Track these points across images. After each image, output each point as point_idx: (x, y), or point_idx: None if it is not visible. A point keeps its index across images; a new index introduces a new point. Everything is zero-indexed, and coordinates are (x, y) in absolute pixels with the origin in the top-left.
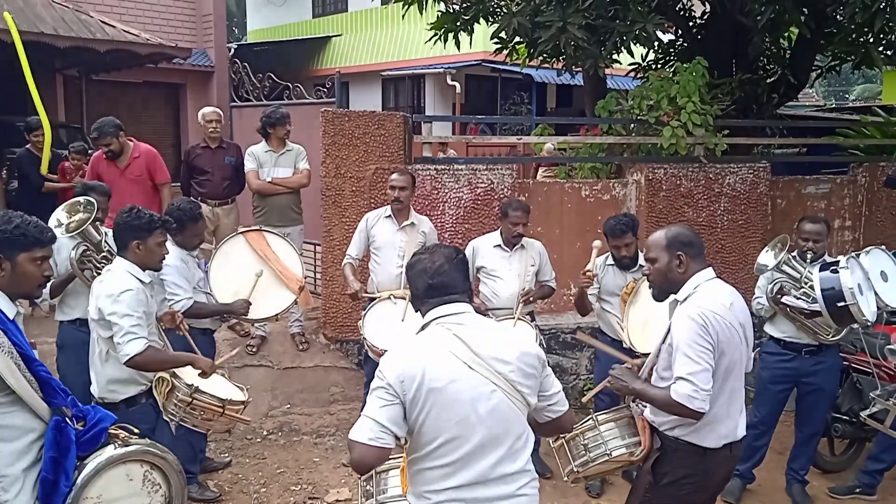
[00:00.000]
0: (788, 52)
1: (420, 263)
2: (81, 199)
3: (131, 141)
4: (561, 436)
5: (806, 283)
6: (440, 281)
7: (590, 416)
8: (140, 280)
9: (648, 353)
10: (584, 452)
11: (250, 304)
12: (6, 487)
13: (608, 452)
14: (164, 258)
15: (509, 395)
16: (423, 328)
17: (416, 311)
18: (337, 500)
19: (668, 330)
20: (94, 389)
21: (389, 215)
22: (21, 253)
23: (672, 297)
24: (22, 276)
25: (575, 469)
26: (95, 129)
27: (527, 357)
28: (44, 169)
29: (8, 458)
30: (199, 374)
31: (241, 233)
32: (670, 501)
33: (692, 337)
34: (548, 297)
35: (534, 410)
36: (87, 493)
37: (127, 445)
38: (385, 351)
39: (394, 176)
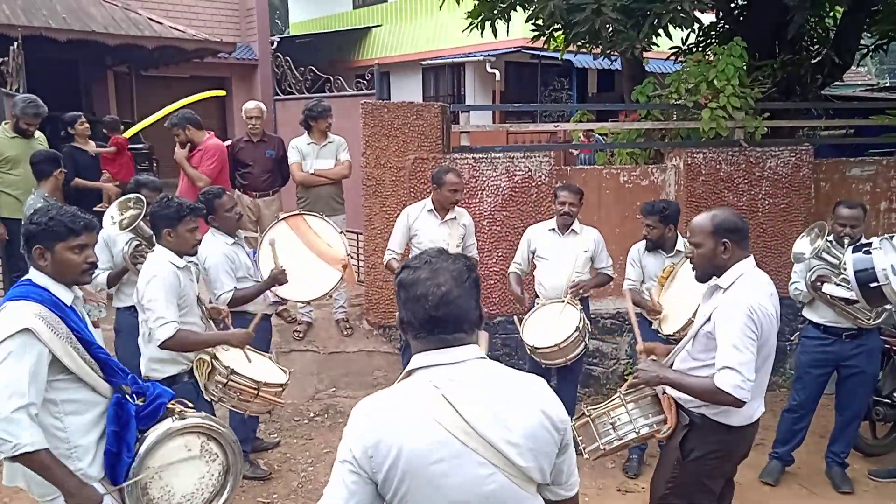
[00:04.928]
0: (833, 31)
1: (419, 286)
2: (132, 196)
3: (209, 134)
4: (585, 413)
5: (844, 270)
6: (445, 313)
7: (616, 395)
8: (175, 265)
9: (672, 335)
10: (610, 430)
11: (284, 269)
12: (80, 456)
13: (636, 430)
14: (197, 244)
15: (513, 478)
16: (406, 375)
17: (402, 339)
18: None
19: (709, 316)
20: (142, 367)
21: (431, 209)
22: (59, 243)
23: (714, 280)
24: (64, 265)
25: (601, 447)
26: (169, 120)
27: (541, 431)
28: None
29: (81, 430)
30: (235, 348)
31: (283, 219)
32: (697, 477)
33: (740, 328)
34: (604, 285)
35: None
36: (149, 462)
37: (184, 419)
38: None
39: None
